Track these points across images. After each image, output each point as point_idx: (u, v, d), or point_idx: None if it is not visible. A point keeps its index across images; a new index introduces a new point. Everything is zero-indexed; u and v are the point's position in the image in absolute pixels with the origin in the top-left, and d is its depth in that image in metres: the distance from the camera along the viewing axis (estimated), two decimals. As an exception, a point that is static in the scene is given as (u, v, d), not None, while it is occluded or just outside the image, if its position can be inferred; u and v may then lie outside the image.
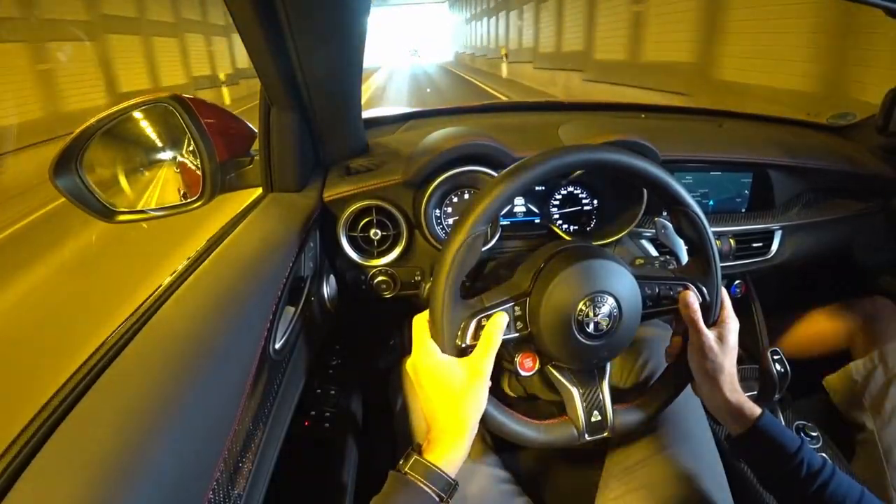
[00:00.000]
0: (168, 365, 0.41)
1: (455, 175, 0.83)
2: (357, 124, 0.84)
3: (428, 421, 0.52)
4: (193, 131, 0.69)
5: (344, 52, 0.60)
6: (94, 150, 0.67)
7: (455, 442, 0.49)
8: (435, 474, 0.47)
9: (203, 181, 0.72)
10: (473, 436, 0.50)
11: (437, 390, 0.51)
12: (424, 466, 0.47)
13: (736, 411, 0.58)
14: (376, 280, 0.87)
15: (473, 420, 0.50)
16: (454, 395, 0.50)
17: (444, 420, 0.50)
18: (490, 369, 0.51)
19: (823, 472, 0.54)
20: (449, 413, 0.50)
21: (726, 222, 0.98)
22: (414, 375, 0.54)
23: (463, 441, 0.49)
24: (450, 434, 0.49)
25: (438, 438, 0.49)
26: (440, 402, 0.50)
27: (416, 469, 0.47)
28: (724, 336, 0.59)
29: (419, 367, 0.53)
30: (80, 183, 0.66)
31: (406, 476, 0.47)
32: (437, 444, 0.49)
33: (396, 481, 0.47)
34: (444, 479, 0.47)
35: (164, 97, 0.68)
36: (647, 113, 1.31)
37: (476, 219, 0.51)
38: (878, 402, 0.88)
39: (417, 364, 0.53)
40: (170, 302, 0.51)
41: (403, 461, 0.49)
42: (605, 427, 0.58)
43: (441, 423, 0.50)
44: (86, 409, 0.38)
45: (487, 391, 0.51)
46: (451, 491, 0.47)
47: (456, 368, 0.51)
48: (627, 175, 0.57)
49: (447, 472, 0.48)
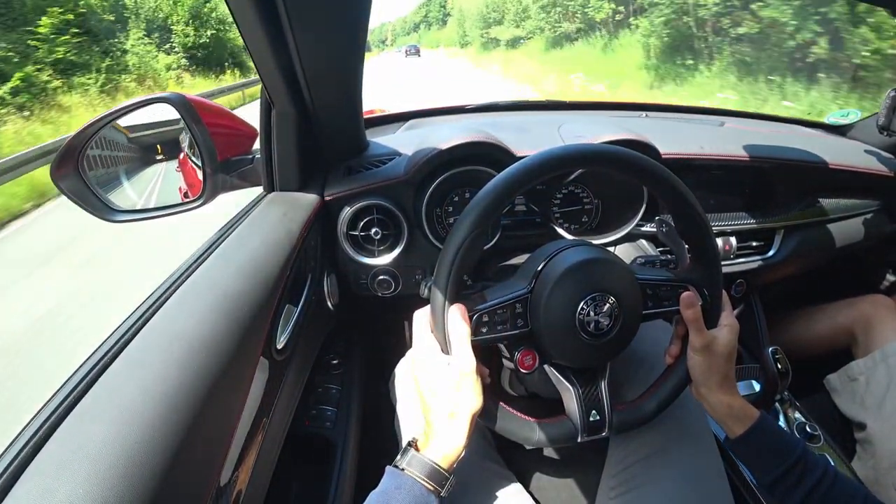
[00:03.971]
0: (169, 364, 0.42)
1: (456, 174, 0.83)
2: (358, 124, 0.84)
3: (424, 416, 0.52)
4: (194, 130, 0.69)
5: (345, 51, 0.60)
6: (95, 150, 0.67)
7: (450, 437, 0.49)
8: (431, 469, 0.47)
9: (204, 180, 0.72)
10: (469, 430, 0.50)
11: (432, 385, 0.51)
12: (420, 461, 0.48)
13: (735, 413, 0.58)
14: (377, 279, 0.87)
15: (467, 415, 0.50)
16: (448, 391, 0.50)
17: (438, 415, 0.50)
18: (471, 362, 0.50)
19: (825, 474, 0.54)
20: (443, 408, 0.50)
21: (727, 222, 0.98)
22: (412, 369, 0.54)
23: (458, 436, 0.49)
24: (444, 429, 0.50)
25: (434, 433, 0.50)
26: (434, 397, 0.51)
27: (412, 464, 0.48)
28: (724, 338, 0.59)
29: (417, 361, 0.53)
30: (82, 182, 0.66)
31: (403, 472, 0.47)
32: (432, 439, 0.50)
33: (393, 476, 0.48)
34: (439, 474, 0.47)
35: (165, 96, 0.68)
36: (648, 112, 1.31)
37: (477, 218, 0.51)
38: (880, 402, 0.87)
39: (416, 358, 0.53)
40: (171, 301, 0.51)
41: (400, 456, 0.49)
42: (603, 427, 0.58)
43: (436, 418, 0.50)
44: (87, 408, 0.38)
45: (479, 386, 0.51)
46: (446, 485, 0.48)
47: (450, 364, 0.51)
48: (628, 174, 0.57)
49: (443, 466, 0.48)
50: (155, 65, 12.95)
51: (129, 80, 11.37)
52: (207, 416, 0.41)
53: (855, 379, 0.94)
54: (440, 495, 0.47)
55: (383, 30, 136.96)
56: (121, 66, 11.63)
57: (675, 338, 0.62)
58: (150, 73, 12.45)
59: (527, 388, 0.92)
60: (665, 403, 0.61)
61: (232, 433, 0.46)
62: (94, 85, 10.19)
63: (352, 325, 1.03)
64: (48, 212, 4.97)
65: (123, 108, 0.67)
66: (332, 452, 0.81)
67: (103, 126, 0.66)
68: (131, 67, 11.90)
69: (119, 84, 10.93)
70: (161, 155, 0.77)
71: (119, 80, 11.03)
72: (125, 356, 0.43)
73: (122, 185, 0.74)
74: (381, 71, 22.33)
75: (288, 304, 0.64)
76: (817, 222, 1.05)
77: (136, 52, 12.40)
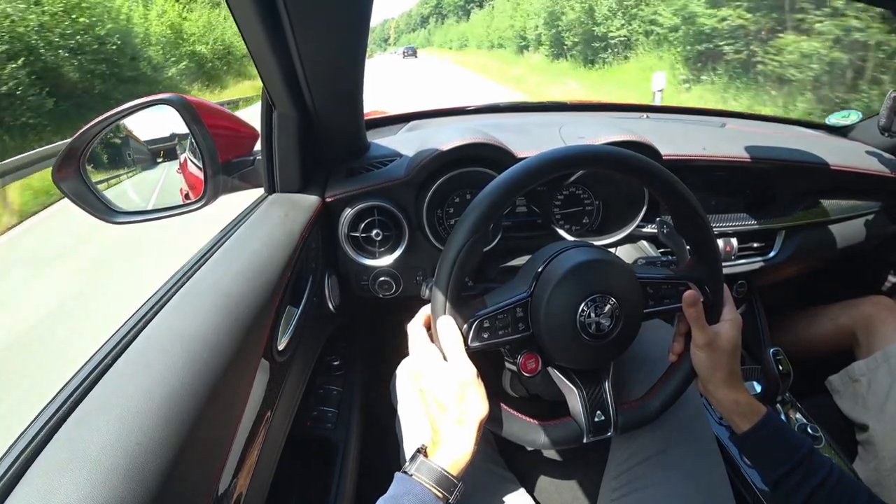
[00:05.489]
0: (170, 365, 0.42)
1: (457, 175, 0.83)
2: (359, 125, 0.84)
3: (430, 423, 0.52)
4: (195, 132, 0.69)
5: (346, 53, 0.60)
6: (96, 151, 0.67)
7: (458, 443, 0.49)
8: (440, 475, 0.47)
9: (205, 182, 0.72)
10: (477, 437, 0.50)
11: (437, 394, 0.51)
12: (429, 468, 0.48)
13: (741, 409, 0.58)
14: (378, 280, 0.87)
15: (475, 422, 0.50)
16: (453, 399, 0.50)
17: (446, 423, 0.50)
18: (469, 370, 0.51)
19: (830, 474, 0.54)
20: (450, 416, 0.50)
21: (728, 223, 0.98)
22: (414, 380, 0.54)
23: (466, 442, 0.49)
24: (452, 436, 0.50)
25: (441, 440, 0.50)
26: (440, 405, 0.51)
27: (421, 470, 0.48)
28: (728, 333, 0.59)
29: (420, 372, 0.53)
30: (83, 183, 0.66)
31: (412, 477, 0.47)
32: (440, 446, 0.50)
33: (402, 482, 0.48)
34: (449, 480, 0.47)
35: (165, 97, 0.68)
36: (649, 114, 1.31)
37: (478, 219, 0.51)
38: (881, 403, 0.87)
39: (418, 369, 0.53)
40: (172, 302, 0.51)
41: (410, 462, 0.49)
42: (608, 427, 0.58)
43: (443, 426, 0.50)
44: (88, 410, 0.38)
45: (483, 392, 0.51)
46: (455, 492, 0.48)
47: (454, 371, 0.51)
48: (629, 175, 0.57)
49: (452, 473, 0.48)
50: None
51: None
52: (208, 418, 0.41)
53: (856, 380, 0.93)
54: (448, 502, 0.47)
55: (385, 27, 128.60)
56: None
57: (678, 335, 0.62)
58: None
59: (528, 390, 0.92)
60: (669, 402, 0.61)
61: (233, 435, 0.46)
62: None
63: (353, 326, 1.03)
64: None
65: (125, 110, 0.67)
66: (333, 454, 0.81)
67: (105, 128, 0.66)
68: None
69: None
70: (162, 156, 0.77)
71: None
72: (126, 358, 0.43)
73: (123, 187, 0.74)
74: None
75: (289, 306, 0.64)
76: (819, 223, 1.05)
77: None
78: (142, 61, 12.99)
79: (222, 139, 0.72)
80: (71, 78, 9.98)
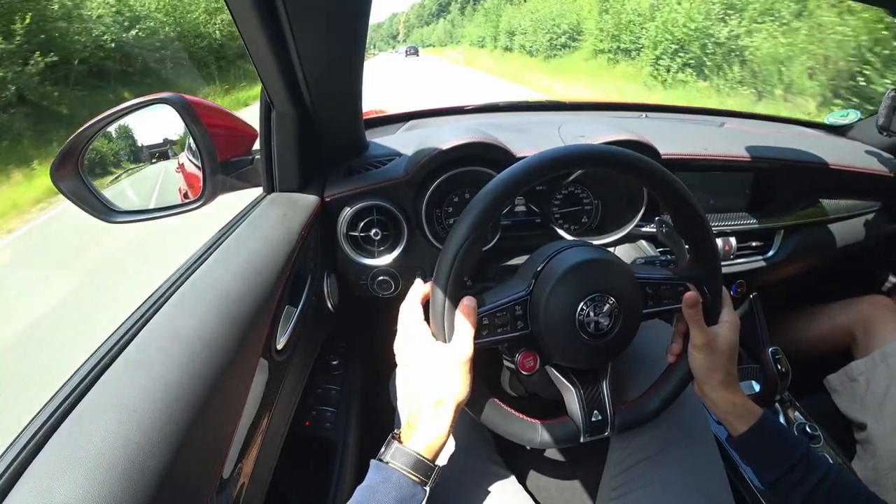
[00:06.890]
0: (169, 364, 0.42)
1: (456, 174, 0.83)
2: (357, 124, 0.84)
3: (408, 406, 0.52)
4: (194, 131, 0.69)
5: (345, 51, 0.60)
6: (95, 150, 0.67)
7: (433, 426, 0.49)
8: (415, 460, 0.47)
9: (203, 181, 0.72)
10: (452, 420, 0.50)
11: (422, 369, 0.51)
12: (404, 453, 0.47)
13: (738, 410, 0.58)
14: (377, 279, 0.87)
15: (452, 404, 0.49)
16: (438, 377, 0.50)
17: (425, 402, 0.50)
18: (469, 351, 0.50)
19: (828, 474, 0.54)
20: (431, 395, 0.50)
21: (727, 222, 0.98)
22: (399, 359, 0.54)
23: (441, 425, 0.49)
24: (428, 418, 0.49)
25: (417, 424, 0.49)
26: (424, 382, 0.50)
27: (396, 456, 0.47)
28: (726, 335, 0.59)
29: (410, 346, 0.53)
30: (81, 183, 0.66)
31: (387, 464, 0.47)
32: (415, 431, 0.49)
33: (378, 469, 0.47)
34: (425, 465, 0.47)
35: (164, 97, 0.68)
36: (648, 113, 1.31)
37: (477, 218, 0.51)
38: (879, 402, 0.87)
39: (408, 344, 0.53)
40: (171, 301, 0.51)
41: (384, 449, 0.49)
42: (605, 427, 0.58)
43: (423, 405, 0.50)
44: (87, 409, 0.38)
45: (469, 377, 0.51)
46: (433, 476, 0.48)
47: (440, 354, 0.50)
48: (629, 175, 0.57)
49: (427, 457, 0.47)
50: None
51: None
52: (207, 417, 0.41)
53: (855, 379, 0.94)
54: (426, 486, 0.47)
55: (394, 22, 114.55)
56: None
57: (676, 336, 0.62)
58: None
59: (527, 388, 0.92)
60: (667, 402, 0.61)
61: (232, 434, 0.46)
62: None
63: (352, 325, 1.03)
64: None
65: (123, 109, 0.67)
66: (332, 453, 0.81)
67: (104, 127, 0.66)
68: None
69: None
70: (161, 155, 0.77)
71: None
72: (125, 356, 0.43)
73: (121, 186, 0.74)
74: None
75: (288, 305, 0.64)
76: (817, 223, 1.05)
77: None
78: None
79: (221, 138, 0.72)
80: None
